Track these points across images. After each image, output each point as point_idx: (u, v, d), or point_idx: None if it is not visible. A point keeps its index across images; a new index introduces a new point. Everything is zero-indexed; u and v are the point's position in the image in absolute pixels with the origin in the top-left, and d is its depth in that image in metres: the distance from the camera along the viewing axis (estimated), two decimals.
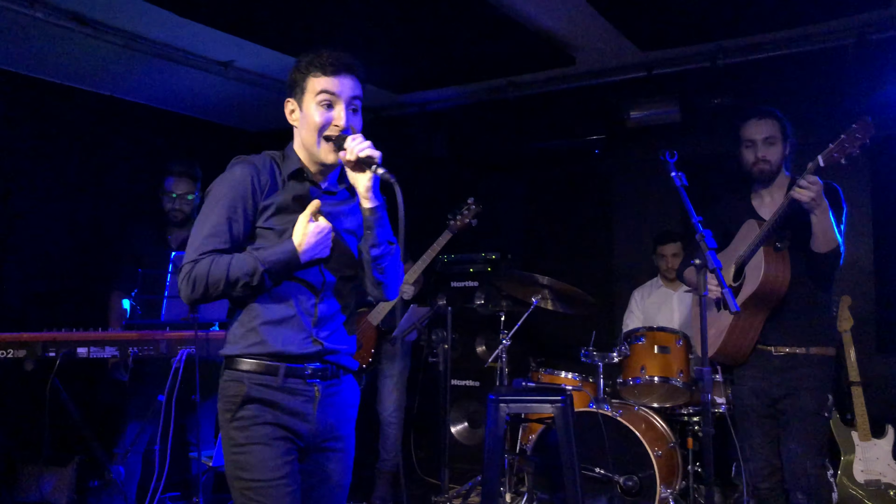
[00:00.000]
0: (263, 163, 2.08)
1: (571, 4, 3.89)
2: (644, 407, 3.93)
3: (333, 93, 2.04)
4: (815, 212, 2.76)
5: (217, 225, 1.98)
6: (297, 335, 2.02)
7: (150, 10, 3.85)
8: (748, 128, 3.07)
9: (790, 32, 4.31)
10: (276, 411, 1.98)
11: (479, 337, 5.19)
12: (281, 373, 1.99)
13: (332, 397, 2.09)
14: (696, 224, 2.38)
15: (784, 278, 2.91)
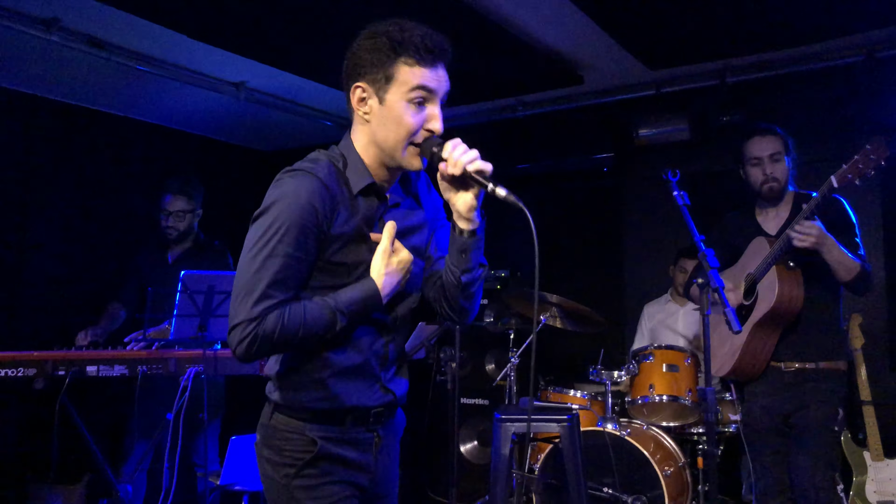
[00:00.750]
0: (329, 175, 1.66)
1: (579, 24, 3.92)
2: (653, 426, 3.90)
3: (431, 89, 1.67)
4: (823, 250, 2.75)
5: (283, 269, 1.60)
6: (369, 386, 1.76)
7: (164, 33, 3.93)
8: (752, 145, 3.06)
9: (797, 50, 4.32)
10: (345, 467, 1.74)
11: (489, 355, 5.18)
12: (348, 423, 1.73)
13: (386, 439, 1.85)
14: (699, 242, 2.38)
15: (798, 297, 2.89)
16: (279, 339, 1.59)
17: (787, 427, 3.00)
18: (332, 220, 1.64)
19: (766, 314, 2.90)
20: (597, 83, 4.90)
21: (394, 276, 1.70)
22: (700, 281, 2.32)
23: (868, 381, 3.86)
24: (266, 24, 3.87)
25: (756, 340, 2.97)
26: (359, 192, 1.70)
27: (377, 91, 1.67)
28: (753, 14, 3.79)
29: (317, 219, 1.61)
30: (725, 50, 4.35)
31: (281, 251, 1.58)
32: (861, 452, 3.78)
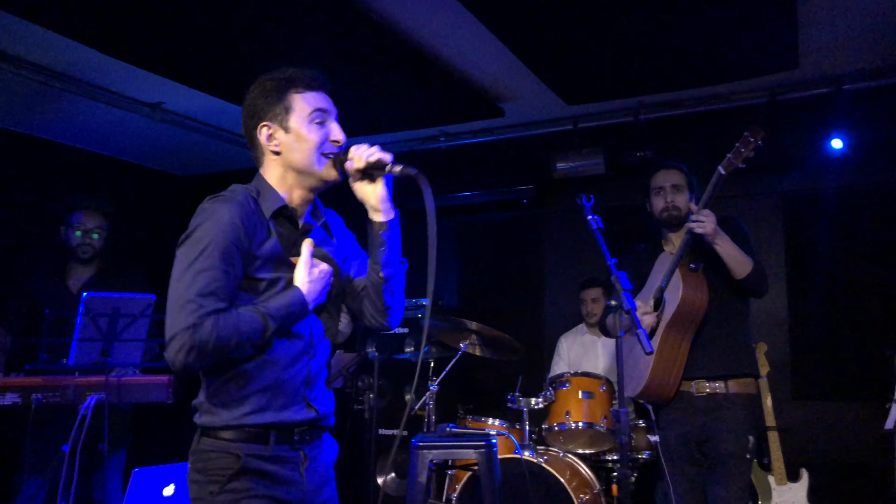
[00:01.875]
0: (246, 201, 1.79)
1: (502, 58, 4.00)
2: (569, 453, 3.93)
3: (326, 109, 1.90)
4: (717, 241, 2.88)
5: (214, 280, 1.68)
6: (292, 402, 1.82)
7: (77, 49, 3.79)
8: (657, 177, 3.21)
9: (706, 90, 4.54)
10: (267, 482, 1.77)
11: (408, 384, 5.13)
12: (272, 441, 1.79)
13: (315, 461, 1.90)
14: (612, 266, 2.43)
15: (702, 298, 2.97)
16: (215, 345, 1.66)
17: (701, 456, 3.06)
18: (252, 239, 1.76)
19: (673, 317, 2.96)
20: (517, 117, 5.01)
21: (316, 283, 1.82)
22: (613, 303, 2.37)
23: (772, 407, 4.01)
24: (184, 44, 3.79)
25: (667, 349, 3.01)
26: (272, 215, 1.83)
27: (280, 123, 1.86)
28: (666, 55, 3.97)
29: (240, 236, 1.73)
30: (639, 88, 4.52)
31: (209, 265, 1.68)
32: (766, 477, 3.91)
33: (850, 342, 4.43)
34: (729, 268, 2.93)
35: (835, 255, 4.58)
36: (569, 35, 3.71)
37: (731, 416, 2.98)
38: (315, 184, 1.89)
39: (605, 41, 3.78)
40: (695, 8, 3.43)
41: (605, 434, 3.82)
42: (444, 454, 3.28)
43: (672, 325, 2.98)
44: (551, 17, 3.51)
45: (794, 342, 4.62)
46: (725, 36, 3.73)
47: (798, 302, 4.66)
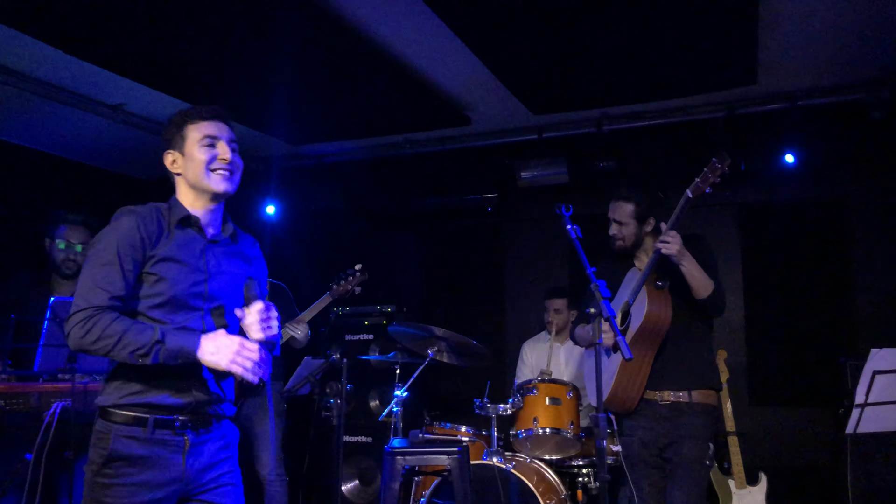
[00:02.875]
0: (149, 212, 2.13)
1: (469, 66, 4.04)
2: (536, 459, 3.97)
3: (215, 135, 2.18)
4: (683, 262, 2.97)
5: (110, 274, 2.00)
6: (174, 389, 2.05)
7: (35, 47, 3.70)
8: (611, 206, 3.28)
9: (668, 103, 4.66)
10: (144, 468, 2.00)
11: (373, 391, 5.12)
12: (149, 425, 2.01)
13: (204, 444, 2.12)
14: (591, 274, 2.48)
15: (666, 314, 3.06)
16: (104, 335, 1.92)
17: (661, 460, 3.14)
18: (152, 242, 2.08)
19: (637, 331, 3.04)
20: (482, 125, 5.06)
21: (223, 362, 1.99)
22: (592, 311, 2.41)
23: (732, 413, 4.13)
24: (147, 45, 3.73)
25: (631, 363, 3.09)
26: (178, 223, 2.15)
27: (179, 150, 2.19)
28: (629, 67, 4.07)
29: (136, 240, 2.05)
30: (603, 99, 4.62)
31: (109, 261, 2.01)
32: (727, 481, 4.02)
33: (804, 349, 4.59)
34: (691, 287, 3.02)
35: (789, 265, 4.74)
36: (536, 45, 3.77)
37: (692, 423, 3.08)
38: (210, 196, 2.18)
39: (570, 52, 3.85)
40: (658, 24, 3.53)
41: (571, 440, 3.88)
42: (418, 460, 3.29)
43: (637, 340, 3.06)
44: (519, 27, 3.56)
45: (750, 349, 4.77)
46: (687, 51, 3.84)
47: (754, 310, 4.81)
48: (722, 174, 2.91)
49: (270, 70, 4.07)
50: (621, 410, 3.23)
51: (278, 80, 4.22)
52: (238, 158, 2.22)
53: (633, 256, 3.32)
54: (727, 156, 2.91)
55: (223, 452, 2.19)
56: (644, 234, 3.23)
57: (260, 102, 4.58)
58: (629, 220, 3.21)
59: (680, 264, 2.97)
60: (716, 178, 2.91)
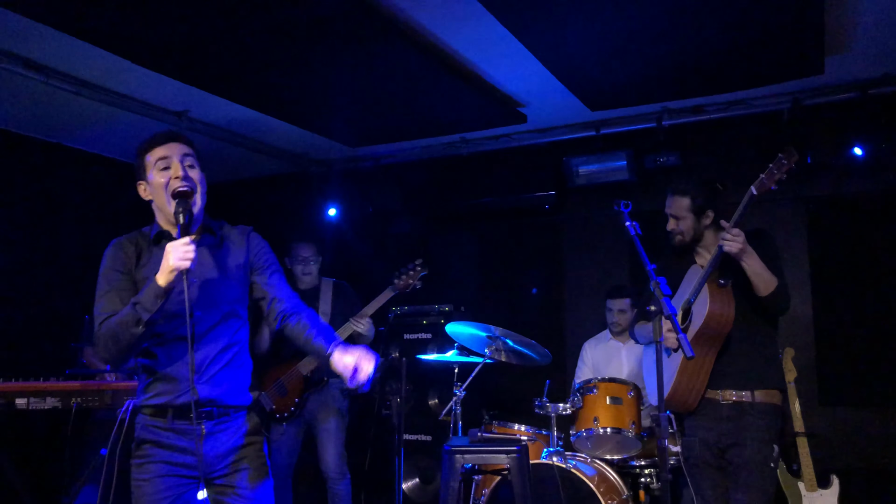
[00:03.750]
0: (130, 238, 2.43)
1: (526, 64, 4.02)
2: (597, 459, 3.93)
3: (166, 156, 2.36)
4: (744, 258, 2.89)
5: (107, 294, 2.31)
6: (179, 387, 2.29)
7: (105, 57, 3.84)
8: (667, 201, 3.23)
9: (730, 96, 4.55)
10: (165, 450, 2.29)
11: (432, 390, 5.15)
12: (169, 416, 2.31)
13: (222, 433, 2.35)
14: (651, 272, 2.44)
15: (729, 314, 2.98)
16: (110, 333, 2.22)
17: (724, 461, 3.06)
18: (136, 260, 2.37)
19: (699, 331, 2.97)
20: (539, 122, 5.03)
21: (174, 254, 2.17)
22: (653, 308, 2.38)
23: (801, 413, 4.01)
24: (210, 51, 3.84)
25: (692, 364, 3.04)
26: (152, 239, 2.40)
27: (146, 179, 2.40)
28: (689, 60, 3.98)
29: (121, 263, 2.36)
30: (662, 94, 4.54)
31: (105, 285, 2.33)
32: (796, 483, 3.90)
33: (876, 347, 4.41)
34: (753, 285, 2.94)
35: (859, 260, 4.57)
36: (592, 39, 3.72)
37: (756, 423, 3.00)
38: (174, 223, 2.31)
39: (627, 46, 3.79)
40: (718, 13, 3.44)
41: (632, 440, 3.83)
42: (476, 459, 3.29)
43: (698, 339, 2.99)
44: (574, 22, 3.53)
45: (819, 347, 4.62)
46: (749, 41, 3.74)
47: (823, 307, 4.65)
48: (788, 171, 2.83)
49: (329, 74, 4.13)
50: (681, 410, 3.17)
51: (337, 83, 4.28)
52: (195, 172, 2.37)
53: (694, 252, 3.25)
54: (794, 152, 2.83)
55: (244, 440, 2.38)
56: (703, 227, 3.16)
57: (319, 106, 4.66)
58: (686, 213, 3.15)
59: (742, 262, 2.90)
60: (782, 174, 2.83)
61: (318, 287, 4.59)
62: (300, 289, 4.56)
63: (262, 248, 2.53)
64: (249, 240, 2.53)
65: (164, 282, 2.17)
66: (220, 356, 2.36)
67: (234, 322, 2.41)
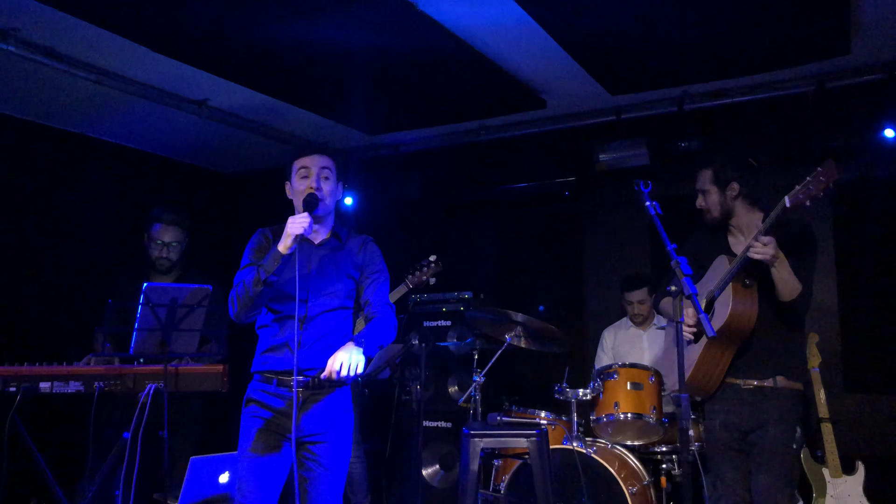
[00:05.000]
0: (271, 228, 2.88)
1: (545, 48, 3.99)
2: (618, 445, 3.91)
3: (307, 166, 2.79)
4: (775, 265, 2.82)
5: (244, 267, 2.77)
6: (284, 358, 2.70)
7: (125, 46, 3.86)
8: (696, 178, 3.17)
9: (752, 79, 4.47)
10: (266, 409, 2.69)
11: (452, 377, 5.15)
12: (274, 382, 2.71)
13: (316, 403, 2.70)
14: (671, 251, 2.41)
15: (751, 315, 2.94)
16: (239, 291, 2.69)
17: (746, 444, 3.03)
18: (269, 244, 2.78)
19: (719, 329, 2.92)
20: (559, 108, 4.98)
21: (290, 225, 2.62)
22: (673, 288, 2.35)
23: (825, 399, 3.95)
24: (230, 40, 3.84)
25: (710, 356, 3.00)
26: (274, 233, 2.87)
27: (290, 181, 2.87)
28: (711, 42, 3.92)
29: (262, 243, 2.84)
30: (684, 77, 4.48)
31: (248, 258, 2.82)
32: (820, 469, 3.85)
33: None
34: (777, 289, 2.89)
35: (885, 246, 4.49)
36: (612, 22, 3.68)
37: (777, 406, 2.95)
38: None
39: (648, 29, 3.75)
40: None
41: (653, 426, 3.80)
42: (496, 442, 3.29)
43: (719, 336, 2.93)
44: (595, 4, 3.49)
45: (844, 334, 4.55)
46: (772, 21, 3.67)
47: (848, 293, 4.58)
48: (825, 189, 2.67)
49: (348, 61, 4.13)
50: (699, 395, 3.14)
51: (356, 70, 4.27)
52: (328, 184, 2.79)
53: (728, 231, 3.18)
54: (834, 168, 2.65)
55: (334, 413, 2.74)
56: (730, 201, 3.08)
57: (338, 93, 4.65)
58: (710, 186, 3.09)
59: (771, 266, 2.84)
60: (818, 191, 2.67)
61: None
62: None
63: (374, 258, 2.92)
64: (366, 248, 2.93)
65: (283, 248, 2.59)
66: (325, 338, 2.72)
67: (341, 313, 2.80)
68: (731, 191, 3.07)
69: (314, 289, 2.75)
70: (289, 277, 2.68)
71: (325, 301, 2.76)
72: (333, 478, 2.72)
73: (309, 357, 2.69)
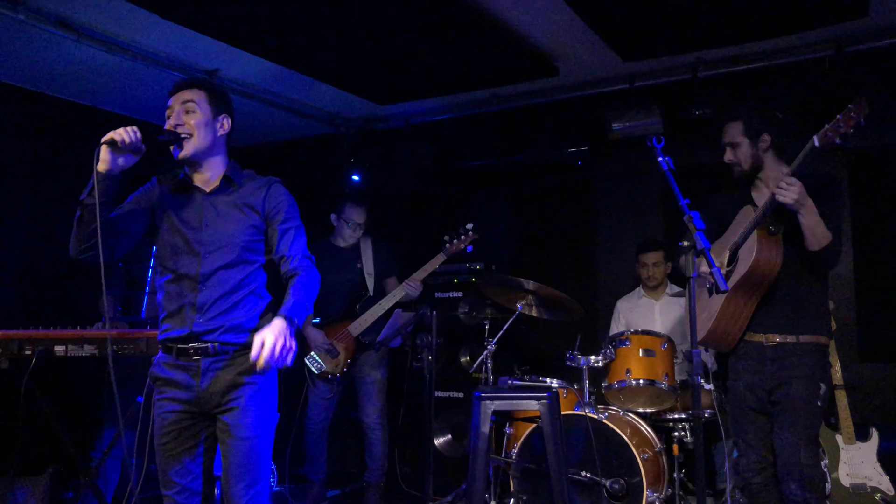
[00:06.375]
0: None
1: (556, 12, 3.94)
2: (629, 412, 3.91)
3: (169, 105, 2.54)
4: (801, 211, 2.76)
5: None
6: (181, 325, 2.41)
7: (135, 13, 3.85)
8: (722, 133, 3.11)
9: (768, 44, 4.40)
10: (171, 387, 2.43)
11: (464, 347, 5.15)
12: (174, 352, 2.42)
13: (220, 370, 2.40)
14: (684, 206, 2.39)
15: (775, 262, 2.88)
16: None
17: (770, 404, 2.99)
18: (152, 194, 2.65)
19: (743, 276, 2.88)
20: (571, 76, 4.93)
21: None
22: (686, 244, 2.32)
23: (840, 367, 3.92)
24: (242, 7, 3.82)
25: (732, 306, 2.95)
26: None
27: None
28: (725, 6, 3.85)
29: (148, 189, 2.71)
30: (698, 43, 4.41)
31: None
32: (833, 436, 3.83)
33: None
34: (805, 238, 2.83)
35: None
36: None
37: (802, 362, 2.90)
38: None
39: None
40: None
41: (666, 392, 3.79)
42: (507, 405, 3.29)
43: (741, 285, 2.90)
44: None
45: (860, 302, 4.51)
46: None
47: (864, 261, 4.53)
48: (856, 125, 2.59)
49: (357, 28, 4.10)
50: (720, 348, 3.10)
51: (365, 38, 4.24)
52: (194, 117, 2.47)
53: (752, 185, 3.13)
54: (866, 104, 2.58)
55: (243, 379, 2.40)
56: (761, 154, 3.02)
57: (347, 62, 4.62)
58: (740, 138, 3.02)
59: (797, 212, 2.79)
60: (849, 128, 2.59)
61: (358, 245, 4.61)
62: (336, 246, 4.59)
63: (281, 201, 2.53)
64: (269, 190, 2.55)
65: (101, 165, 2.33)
66: (226, 298, 2.41)
67: (244, 267, 2.45)
68: (762, 143, 3.01)
69: (207, 241, 2.43)
70: (176, 228, 2.45)
71: (221, 256, 2.43)
72: (250, 447, 2.40)
73: (209, 321, 2.40)
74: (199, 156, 2.48)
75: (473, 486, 3.04)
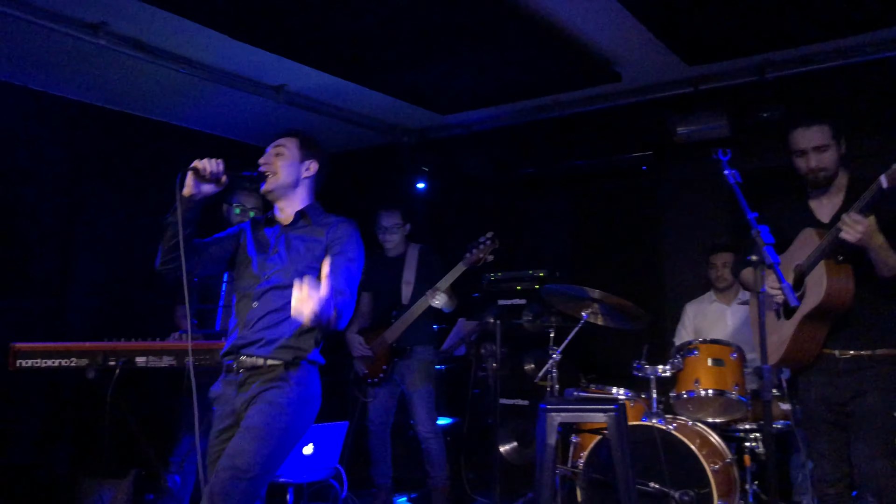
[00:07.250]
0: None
1: (618, 19, 3.91)
2: (698, 422, 3.85)
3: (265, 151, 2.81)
4: (868, 245, 2.68)
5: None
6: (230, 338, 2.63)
7: (205, 35, 4.00)
8: (795, 137, 3.00)
9: (839, 43, 4.27)
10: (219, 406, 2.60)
11: (528, 355, 5.14)
12: (223, 369, 2.63)
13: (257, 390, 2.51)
14: (752, 220, 2.35)
15: (848, 291, 2.80)
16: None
17: (844, 416, 2.91)
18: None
19: (814, 309, 2.82)
20: (634, 81, 4.88)
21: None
22: (754, 258, 2.29)
23: None
24: (307, 24, 3.92)
25: (804, 333, 2.90)
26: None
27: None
28: (793, 6, 3.76)
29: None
30: (765, 44, 4.31)
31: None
32: None
33: None
34: (876, 267, 2.76)
35: None
36: None
37: (877, 373, 2.82)
38: None
39: None
40: None
41: (736, 402, 3.72)
42: (573, 417, 3.29)
43: (813, 316, 2.83)
44: None
45: None
46: None
47: None
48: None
49: (420, 41, 4.15)
50: (796, 367, 3.04)
51: (427, 50, 4.30)
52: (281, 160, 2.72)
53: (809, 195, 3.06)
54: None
55: (264, 386, 2.51)
56: (840, 159, 2.95)
57: (410, 74, 4.69)
58: (830, 141, 2.92)
59: (866, 248, 2.69)
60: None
61: (405, 254, 4.68)
62: (386, 256, 4.66)
63: (343, 235, 2.68)
64: (338, 225, 2.71)
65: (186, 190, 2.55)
66: (272, 315, 2.56)
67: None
68: (843, 148, 2.95)
69: (269, 266, 2.65)
70: (250, 254, 2.69)
71: (277, 278, 2.61)
72: (250, 437, 2.42)
73: (251, 334, 2.57)
74: (279, 191, 2.71)
75: (540, 498, 3.05)
